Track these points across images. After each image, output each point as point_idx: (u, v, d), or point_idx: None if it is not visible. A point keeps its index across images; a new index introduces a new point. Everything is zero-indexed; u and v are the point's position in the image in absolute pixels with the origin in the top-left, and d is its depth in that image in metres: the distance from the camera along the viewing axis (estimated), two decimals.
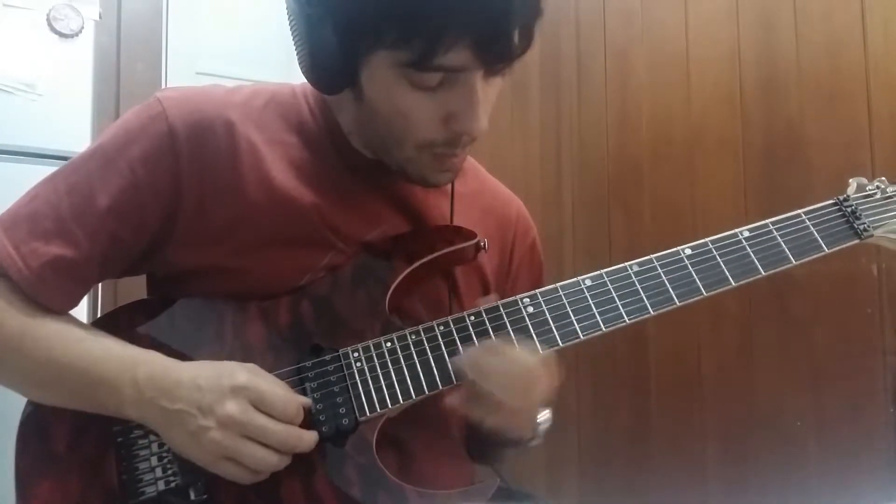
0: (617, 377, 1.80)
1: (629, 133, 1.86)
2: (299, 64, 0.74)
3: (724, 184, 1.62)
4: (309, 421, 0.72)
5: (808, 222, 0.83)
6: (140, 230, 0.76)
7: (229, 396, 0.67)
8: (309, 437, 0.70)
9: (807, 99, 1.49)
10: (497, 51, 0.66)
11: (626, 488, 1.79)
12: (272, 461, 0.68)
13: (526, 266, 0.95)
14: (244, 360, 0.74)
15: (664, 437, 1.71)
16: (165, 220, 0.76)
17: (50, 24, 1.78)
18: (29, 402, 0.76)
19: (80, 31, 1.81)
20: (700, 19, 1.71)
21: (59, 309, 0.76)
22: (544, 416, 0.85)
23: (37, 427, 0.74)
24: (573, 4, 2.00)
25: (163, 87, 2.23)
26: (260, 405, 0.68)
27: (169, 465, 0.72)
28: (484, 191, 0.93)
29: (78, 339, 0.73)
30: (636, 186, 1.82)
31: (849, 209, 0.84)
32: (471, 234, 0.81)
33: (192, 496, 0.71)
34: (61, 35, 1.79)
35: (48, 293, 0.74)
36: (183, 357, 0.73)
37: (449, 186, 0.86)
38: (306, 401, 0.71)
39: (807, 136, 1.49)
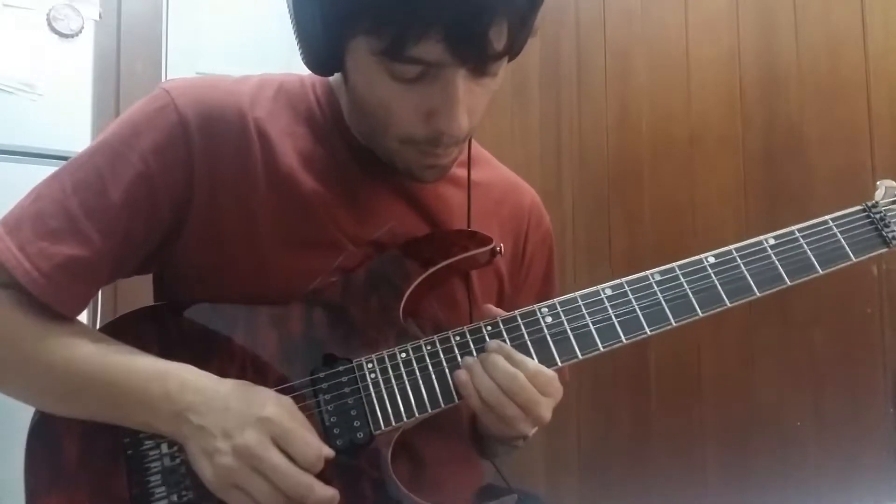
0: (617, 377, 1.80)
1: (629, 133, 1.86)
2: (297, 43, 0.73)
3: (724, 183, 1.62)
4: (323, 434, 0.70)
5: (835, 229, 0.79)
6: (153, 225, 0.74)
7: (252, 426, 0.65)
8: (322, 492, 0.66)
9: (807, 99, 1.49)
10: (471, 48, 0.63)
11: (626, 489, 1.79)
12: (278, 501, 0.65)
13: (538, 256, 0.93)
14: (256, 368, 0.73)
15: (664, 438, 1.71)
16: (177, 214, 0.74)
17: (50, 24, 1.77)
18: (36, 411, 0.73)
19: (80, 31, 1.81)
20: (700, 19, 1.71)
21: (69, 313, 0.72)
22: None
23: (45, 436, 0.72)
24: (573, 4, 2.00)
25: None
26: (280, 442, 0.65)
27: (181, 480, 0.69)
28: (497, 180, 0.91)
29: (94, 352, 0.70)
30: (636, 186, 1.82)
31: (877, 215, 0.80)
32: (486, 240, 0.79)
33: None
34: (61, 35, 1.79)
35: (61, 297, 0.70)
36: (193, 365, 0.70)
37: (462, 178, 0.84)
38: (329, 451, 0.68)
39: (807, 135, 1.49)
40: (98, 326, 0.77)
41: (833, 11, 1.46)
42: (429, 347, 0.74)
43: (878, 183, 0.84)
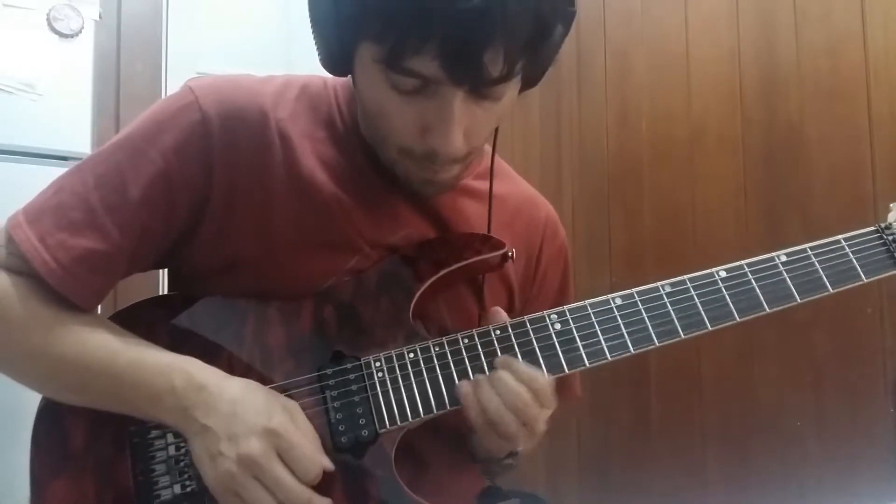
0: (617, 377, 1.80)
1: (629, 132, 1.86)
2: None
3: (724, 183, 1.62)
4: (328, 430, 0.71)
5: (847, 249, 0.79)
6: (171, 222, 0.74)
7: (258, 436, 0.65)
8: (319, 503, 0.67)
9: (807, 99, 1.49)
10: (465, 69, 0.63)
11: (625, 489, 1.79)
12: None
13: (552, 270, 0.93)
14: (264, 363, 0.73)
15: (664, 438, 1.71)
16: (195, 212, 0.74)
17: (50, 24, 1.78)
18: (43, 397, 0.74)
19: (80, 31, 1.81)
20: (700, 19, 1.71)
21: (85, 305, 0.73)
22: None
23: (52, 423, 0.73)
24: None
25: (163, 86, 2.23)
26: (284, 456, 0.66)
27: (186, 469, 0.70)
28: (513, 194, 0.91)
29: (105, 342, 0.71)
30: (636, 186, 1.82)
31: (890, 237, 0.80)
32: (499, 244, 0.79)
33: (208, 502, 0.69)
34: (61, 35, 1.79)
35: (77, 288, 0.71)
36: (202, 358, 0.71)
37: (479, 189, 0.84)
38: (329, 464, 0.69)
39: (807, 135, 1.49)
40: (113, 314, 0.78)
41: (833, 11, 1.46)
42: (437, 349, 0.74)
43: (892, 205, 0.84)
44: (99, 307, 1.50)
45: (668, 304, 0.76)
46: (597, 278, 1.83)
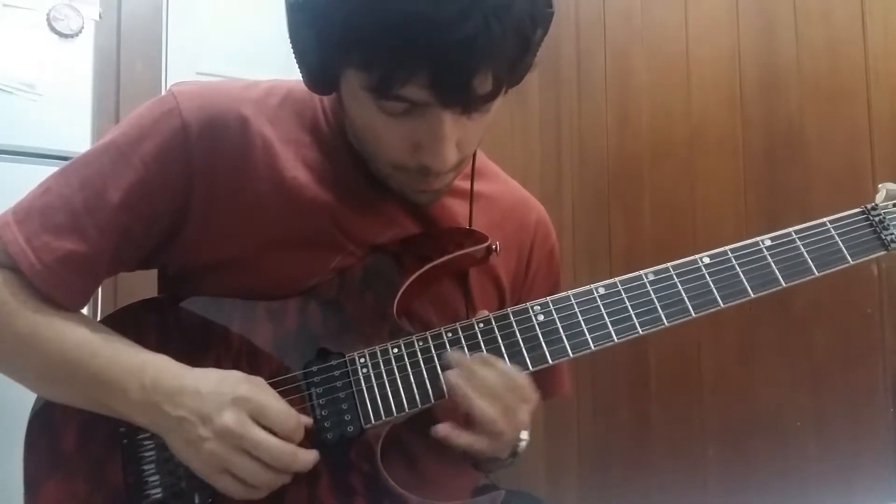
0: (617, 377, 1.80)
1: (629, 133, 1.86)
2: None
3: (724, 184, 1.62)
4: (314, 427, 0.71)
5: (832, 231, 0.78)
6: (151, 226, 0.76)
7: (229, 407, 0.67)
8: (305, 457, 0.69)
9: (807, 99, 1.49)
10: (455, 93, 0.64)
11: (625, 489, 1.79)
12: (265, 477, 0.67)
13: (543, 271, 0.94)
14: (251, 361, 0.74)
15: (664, 438, 1.71)
16: (176, 216, 0.75)
17: (50, 24, 1.77)
18: (38, 398, 0.76)
19: (80, 31, 1.81)
20: (700, 19, 1.71)
21: (70, 305, 0.75)
22: (523, 435, 0.81)
23: (45, 425, 0.74)
24: (573, 4, 2.00)
25: (163, 87, 2.23)
26: (259, 418, 0.67)
27: (175, 469, 0.71)
28: (504, 194, 0.91)
29: (87, 340, 0.72)
30: (636, 186, 1.82)
31: (876, 218, 0.79)
32: (482, 238, 0.79)
33: (197, 500, 0.70)
34: (61, 35, 1.79)
35: (60, 289, 0.73)
36: (190, 357, 0.72)
37: (467, 190, 0.84)
38: (307, 419, 0.71)
39: (807, 135, 1.49)
40: (100, 318, 0.79)
41: (833, 11, 1.46)
42: (421, 344, 0.75)
43: (879, 186, 0.83)
44: (99, 306, 1.50)
45: (651, 292, 0.76)
46: (597, 278, 1.82)
